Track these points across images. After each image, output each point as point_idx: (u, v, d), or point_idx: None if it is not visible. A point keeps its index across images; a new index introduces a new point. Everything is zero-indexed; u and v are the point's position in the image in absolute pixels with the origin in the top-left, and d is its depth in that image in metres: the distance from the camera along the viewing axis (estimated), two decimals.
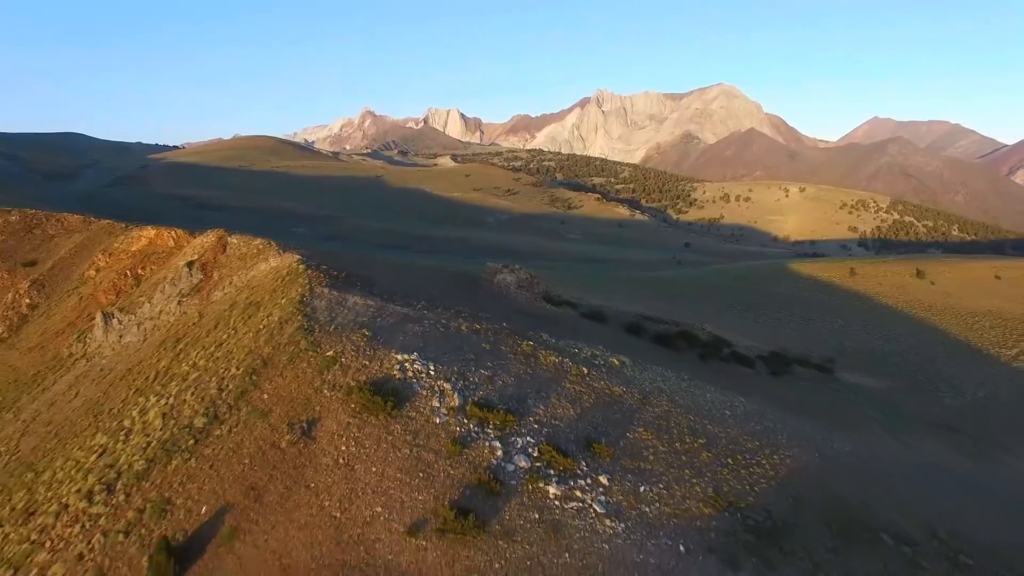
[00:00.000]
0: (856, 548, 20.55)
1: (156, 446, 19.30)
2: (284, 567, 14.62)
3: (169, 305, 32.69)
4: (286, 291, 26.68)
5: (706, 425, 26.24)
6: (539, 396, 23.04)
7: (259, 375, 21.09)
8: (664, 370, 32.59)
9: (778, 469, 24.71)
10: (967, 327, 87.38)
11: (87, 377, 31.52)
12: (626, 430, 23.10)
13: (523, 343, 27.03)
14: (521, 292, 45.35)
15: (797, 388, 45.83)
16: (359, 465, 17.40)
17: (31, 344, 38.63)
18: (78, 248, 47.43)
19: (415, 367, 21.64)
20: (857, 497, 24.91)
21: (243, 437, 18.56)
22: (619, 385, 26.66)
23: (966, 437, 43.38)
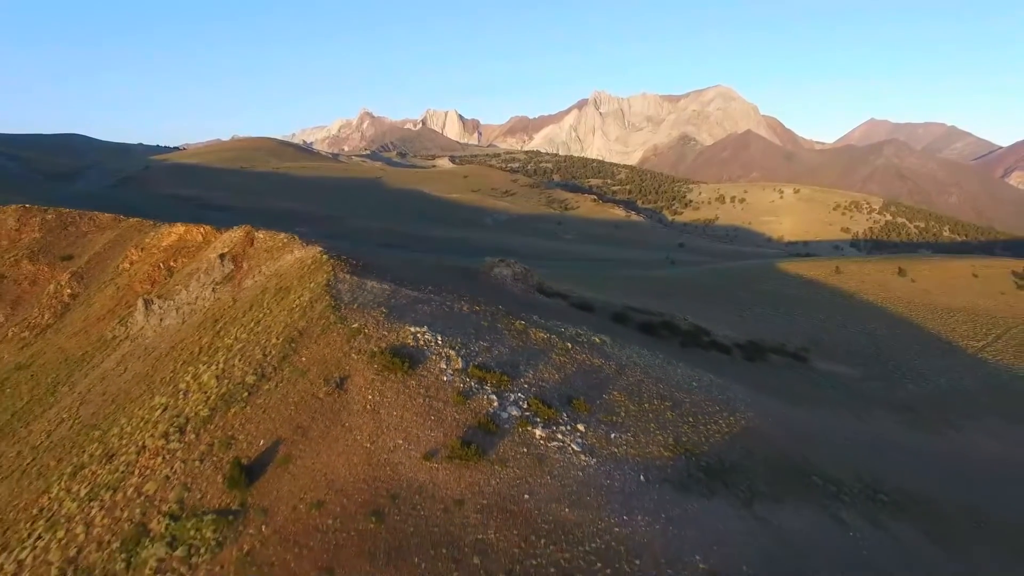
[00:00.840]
0: (789, 485, 24.93)
1: (215, 399, 23.62)
2: (329, 481, 18.93)
3: (204, 292, 36.94)
4: (313, 277, 31.03)
5: (673, 392, 30.60)
6: (529, 363, 27.40)
7: (297, 343, 25.44)
8: (641, 349, 36.98)
9: (733, 428, 29.10)
10: (942, 321, 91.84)
11: (133, 355, 35.79)
12: (602, 392, 27.47)
13: (516, 322, 31.41)
14: (516, 284, 49.68)
15: (767, 371, 50.26)
16: (383, 410, 21.74)
17: (76, 329, 42.86)
18: (111, 244, 51.71)
19: (425, 337, 25.99)
20: (800, 452, 29.32)
21: (288, 390, 22.90)
22: (599, 358, 31.04)
23: (920, 416, 47.82)
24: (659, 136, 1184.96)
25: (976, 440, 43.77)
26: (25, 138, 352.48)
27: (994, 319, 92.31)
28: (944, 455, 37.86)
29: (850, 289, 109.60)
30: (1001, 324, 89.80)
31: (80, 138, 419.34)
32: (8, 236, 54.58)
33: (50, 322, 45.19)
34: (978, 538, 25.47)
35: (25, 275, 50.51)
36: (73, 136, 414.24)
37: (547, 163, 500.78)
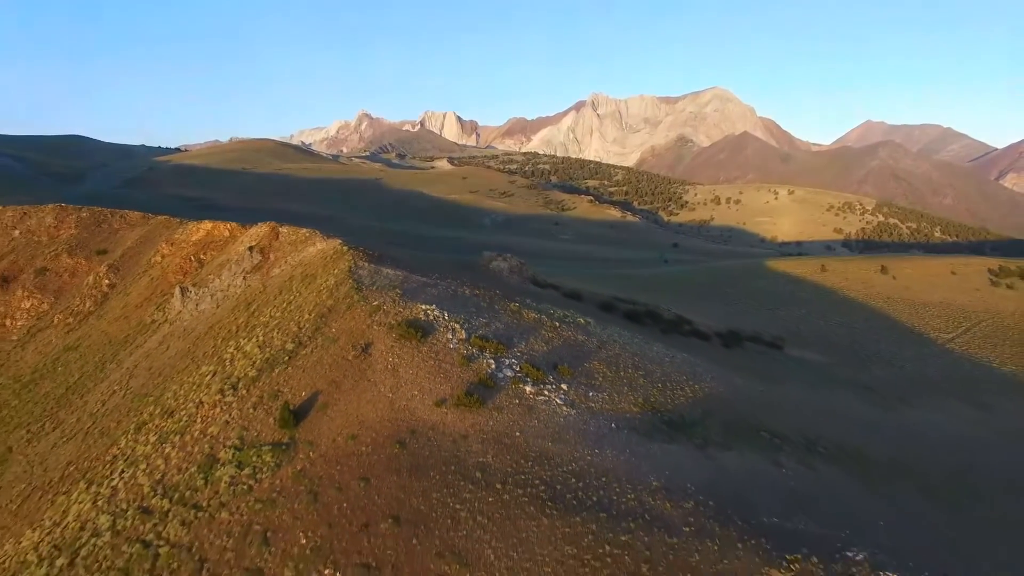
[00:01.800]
0: (739, 437, 29.77)
1: (260, 363, 28.43)
2: (360, 421, 23.74)
3: (236, 280, 41.65)
4: (336, 264, 35.83)
5: (647, 364, 35.46)
6: (522, 336, 32.25)
7: (326, 318, 30.26)
8: (622, 330, 41.87)
9: (696, 394, 34.00)
10: (917, 315, 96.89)
11: (173, 335, 40.53)
12: (584, 361, 32.32)
13: (511, 304, 36.25)
14: (512, 276, 54.54)
15: (741, 355, 55.12)
16: (401, 369, 26.55)
17: (116, 315, 47.54)
18: (142, 239, 56.44)
19: (434, 313, 30.80)
20: (754, 415, 34.20)
21: (322, 354, 27.71)
22: (583, 335, 35.92)
23: (877, 394, 52.71)
24: (656, 137, 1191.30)
25: (924, 415, 48.69)
26: (29, 139, 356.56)
27: (966, 313, 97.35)
28: (888, 424, 42.74)
29: (833, 286, 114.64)
30: (972, 318, 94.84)
31: (82, 139, 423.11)
32: (47, 233, 59.35)
33: (91, 309, 49.90)
34: (894, 481, 30.36)
35: (65, 268, 55.24)
36: (75, 137, 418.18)
37: (545, 164, 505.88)
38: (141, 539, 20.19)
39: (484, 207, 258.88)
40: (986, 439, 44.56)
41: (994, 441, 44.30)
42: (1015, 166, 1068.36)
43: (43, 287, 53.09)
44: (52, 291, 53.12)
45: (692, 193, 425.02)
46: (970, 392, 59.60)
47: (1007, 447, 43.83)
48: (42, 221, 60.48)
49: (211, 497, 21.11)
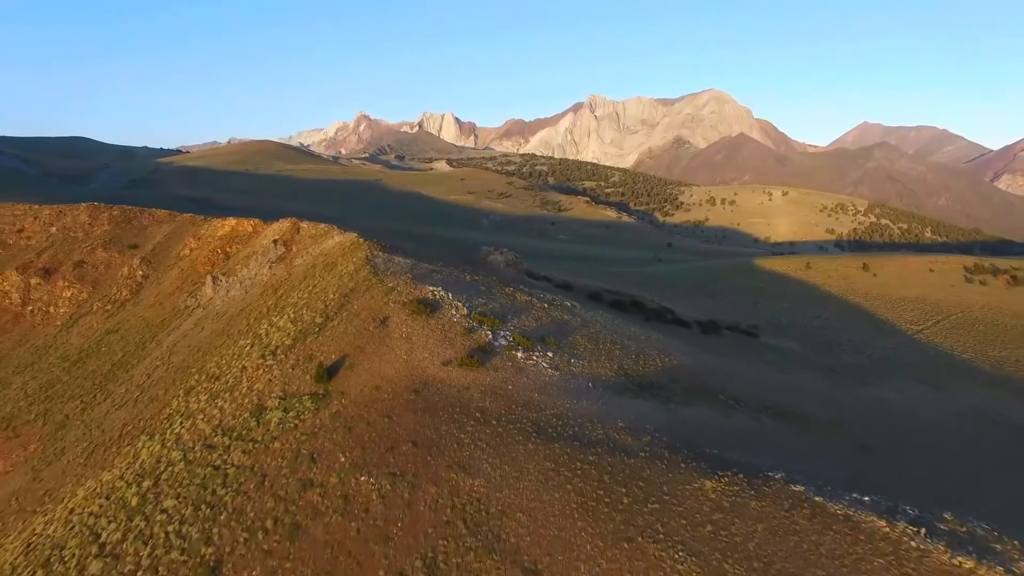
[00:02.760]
0: (699, 397, 35.13)
1: (294, 334, 33.76)
2: (382, 376, 29.05)
3: (262, 270, 46.90)
4: (354, 254, 41.15)
5: (624, 340, 40.83)
6: (515, 314, 37.61)
7: (349, 297, 35.58)
8: (605, 314, 47.26)
9: (666, 365, 39.35)
10: (892, 309, 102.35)
11: (207, 318, 45.79)
12: (568, 335, 37.68)
13: (506, 289, 41.61)
14: (508, 269, 59.87)
15: (716, 341, 60.47)
16: (414, 337, 31.89)
17: (151, 302, 52.76)
18: (170, 235, 61.69)
19: (440, 294, 36.13)
20: (716, 383, 39.57)
21: (347, 326, 33.04)
22: (568, 315, 41.30)
23: (839, 376, 58.13)
24: (653, 139, 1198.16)
25: (877, 392, 54.08)
26: (33, 141, 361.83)
27: (939, 307, 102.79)
28: (840, 397, 48.14)
29: (816, 282, 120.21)
30: (944, 312, 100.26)
31: (85, 141, 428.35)
32: (83, 229, 64.56)
33: (127, 297, 55.08)
34: (829, 435, 35.76)
35: (100, 261, 60.41)
36: (78, 139, 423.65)
37: (542, 166, 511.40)
38: (211, 464, 25.52)
39: (482, 207, 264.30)
40: (929, 412, 50.00)
41: (936, 413, 49.76)
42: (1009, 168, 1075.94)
43: (82, 278, 58.29)
44: (90, 281, 58.28)
45: (688, 194, 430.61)
46: (927, 375, 65.03)
47: (948, 419, 49.27)
48: (77, 218, 65.74)
49: (264, 434, 26.45)
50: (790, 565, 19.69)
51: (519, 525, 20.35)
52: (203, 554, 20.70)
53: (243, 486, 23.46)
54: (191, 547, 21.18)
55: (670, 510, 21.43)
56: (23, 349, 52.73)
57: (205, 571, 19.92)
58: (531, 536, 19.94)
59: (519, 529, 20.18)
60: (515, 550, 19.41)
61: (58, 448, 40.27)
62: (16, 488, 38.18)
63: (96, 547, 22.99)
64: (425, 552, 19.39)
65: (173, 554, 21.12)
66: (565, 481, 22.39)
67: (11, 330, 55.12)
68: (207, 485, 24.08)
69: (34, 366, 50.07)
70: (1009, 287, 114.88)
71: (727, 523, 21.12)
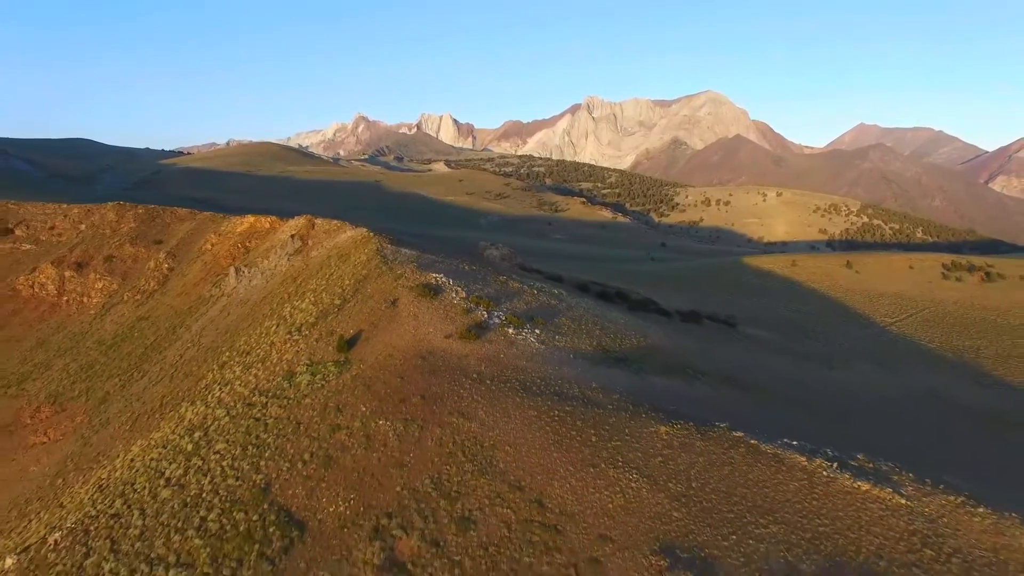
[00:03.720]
0: (668, 370, 40.37)
1: (315, 314, 38.97)
2: (393, 347, 34.27)
3: (280, 261, 52.05)
4: (365, 246, 46.37)
5: (605, 323, 46.06)
6: (507, 298, 42.85)
7: (362, 283, 40.80)
8: (589, 300, 52.50)
9: (640, 343, 44.61)
10: (870, 304, 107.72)
11: (232, 304, 50.94)
12: (554, 317, 42.92)
13: (500, 277, 46.85)
14: (503, 262, 65.10)
15: (694, 328, 65.68)
16: (420, 315, 37.11)
17: (178, 292, 57.88)
18: (192, 231, 66.80)
19: (442, 280, 41.35)
20: (686, 360, 44.79)
21: (362, 306, 38.25)
22: (555, 300, 46.55)
23: (807, 360, 63.42)
24: (651, 140, 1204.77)
25: (839, 374, 59.40)
26: (37, 143, 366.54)
27: (914, 302, 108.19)
28: (802, 376, 53.44)
29: (800, 279, 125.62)
30: (918, 306, 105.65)
31: (87, 142, 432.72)
32: (110, 226, 69.65)
33: (155, 288, 60.18)
34: (784, 406, 41.04)
35: (128, 255, 65.51)
36: (80, 140, 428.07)
37: (539, 167, 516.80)
38: (252, 417, 30.72)
39: (480, 208, 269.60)
40: (883, 390, 55.30)
41: (888, 392, 55.08)
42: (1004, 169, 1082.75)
43: (111, 271, 63.30)
44: (120, 274, 63.30)
45: (683, 195, 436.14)
46: (890, 361, 70.36)
47: (898, 397, 54.56)
48: (104, 217, 70.81)
49: (296, 392, 31.66)
50: (722, 485, 24.99)
51: (507, 455, 25.60)
52: (254, 480, 25.89)
53: (282, 431, 28.67)
54: (244, 475, 26.37)
55: (629, 446, 26.71)
56: (61, 335, 57.77)
57: (257, 491, 25.12)
58: (516, 462, 25.19)
59: (507, 458, 25.43)
60: (503, 472, 24.65)
61: (103, 419, 45.40)
62: (69, 452, 43.34)
63: (163, 480, 28.14)
64: (432, 474, 24.63)
65: (229, 481, 26.30)
66: (544, 424, 27.64)
67: (49, 318, 60.19)
68: (251, 432, 29.28)
69: (73, 350, 55.11)
70: (983, 283, 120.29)
71: (674, 456, 26.42)
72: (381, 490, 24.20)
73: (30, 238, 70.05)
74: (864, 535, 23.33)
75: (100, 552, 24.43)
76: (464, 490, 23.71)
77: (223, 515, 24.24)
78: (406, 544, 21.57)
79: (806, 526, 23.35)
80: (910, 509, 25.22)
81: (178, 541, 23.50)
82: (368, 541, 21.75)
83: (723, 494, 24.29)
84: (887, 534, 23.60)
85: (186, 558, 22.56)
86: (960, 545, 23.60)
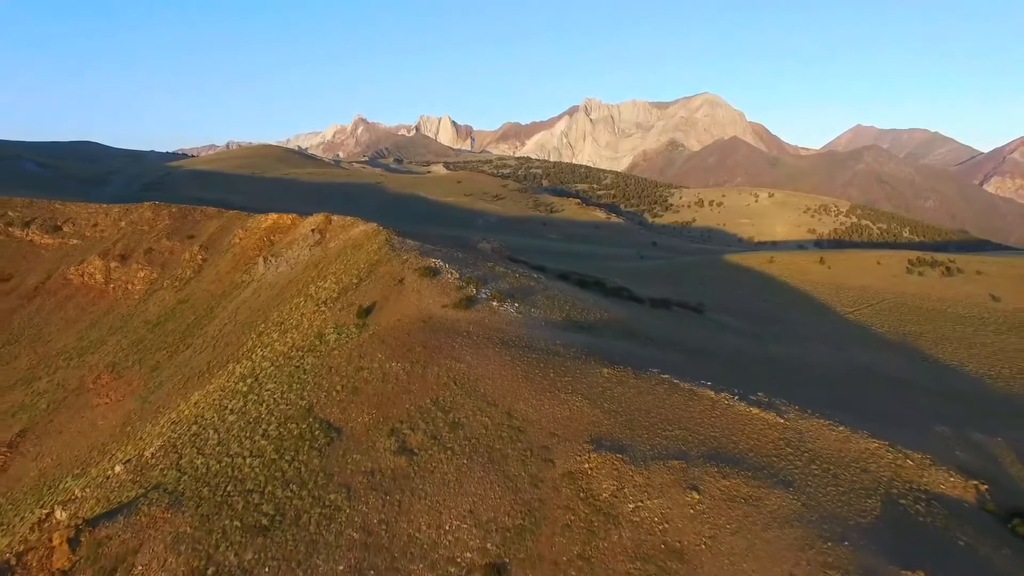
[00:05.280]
0: (625, 336, 49.54)
1: (337, 291, 48.18)
2: (401, 314, 43.48)
3: (303, 251, 61.18)
4: (376, 238, 55.55)
5: (575, 301, 55.22)
6: (493, 280, 52.07)
7: (375, 266, 49.99)
8: (566, 286, 61.70)
9: (603, 316, 53.78)
10: (835, 295, 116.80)
11: (262, 288, 60.09)
12: (532, 295, 52.11)
13: (488, 263, 56.09)
14: (493, 254, 74.22)
15: (663, 312, 74.87)
16: (422, 290, 46.33)
17: (212, 279, 66.97)
18: (221, 227, 75.93)
19: (440, 264, 50.53)
20: (642, 330, 53.98)
21: (375, 284, 47.46)
22: (534, 283, 55.77)
23: (758, 338, 72.60)
24: (648, 142, 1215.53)
25: (785, 350, 68.57)
26: (45, 145, 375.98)
27: (876, 294, 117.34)
28: (745, 350, 62.62)
29: (775, 273, 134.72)
30: (878, 297, 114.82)
31: (93, 145, 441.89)
32: (148, 223, 78.78)
33: (191, 276, 69.25)
34: (717, 365, 50.22)
35: (166, 248, 74.62)
36: (87, 143, 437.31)
37: (537, 169, 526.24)
38: (293, 365, 39.89)
39: (478, 209, 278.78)
40: (821, 363, 64.46)
41: (826, 364, 64.22)
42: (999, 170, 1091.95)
43: (151, 262, 72.31)
44: (159, 264, 72.31)
45: (677, 196, 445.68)
46: (838, 342, 79.53)
47: (834, 367, 63.70)
48: (142, 215, 79.98)
49: (326, 347, 40.83)
50: (643, 406, 34.23)
51: (486, 384, 34.80)
52: (300, 404, 35.07)
53: (318, 373, 37.85)
54: (292, 402, 35.53)
55: (578, 380, 35.94)
56: (111, 317, 66.72)
57: (304, 411, 34.30)
58: (493, 389, 34.39)
59: (486, 386, 34.64)
60: (484, 395, 33.85)
61: (157, 382, 54.55)
62: (131, 409, 52.46)
63: (227, 411, 37.28)
64: (432, 396, 33.82)
65: (281, 406, 35.47)
66: (516, 365, 36.85)
67: (98, 303, 69.18)
68: (293, 375, 38.47)
69: (122, 329, 64.04)
70: (943, 277, 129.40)
71: (611, 387, 35.66)
72: (395, 407, 33.41)
73: (76, 234, 79.31)
74: (743, 438, 32.63)
75: (189, 454, 33.58)
76: (455, 406, 32.94)
77: (280, 426, 33.43)
78: (413, 438, 30.80)
79: (701, 432, 32.61)
80: (786, 426, 34.50)
81: (249, 443, 32.66)
82: (387, 437, 30.96)
83: (643, 412, 33.53)
84: (761, 438, 32.90)
85: (257, 452, 31.72)
86: (815, 447, 32.92)
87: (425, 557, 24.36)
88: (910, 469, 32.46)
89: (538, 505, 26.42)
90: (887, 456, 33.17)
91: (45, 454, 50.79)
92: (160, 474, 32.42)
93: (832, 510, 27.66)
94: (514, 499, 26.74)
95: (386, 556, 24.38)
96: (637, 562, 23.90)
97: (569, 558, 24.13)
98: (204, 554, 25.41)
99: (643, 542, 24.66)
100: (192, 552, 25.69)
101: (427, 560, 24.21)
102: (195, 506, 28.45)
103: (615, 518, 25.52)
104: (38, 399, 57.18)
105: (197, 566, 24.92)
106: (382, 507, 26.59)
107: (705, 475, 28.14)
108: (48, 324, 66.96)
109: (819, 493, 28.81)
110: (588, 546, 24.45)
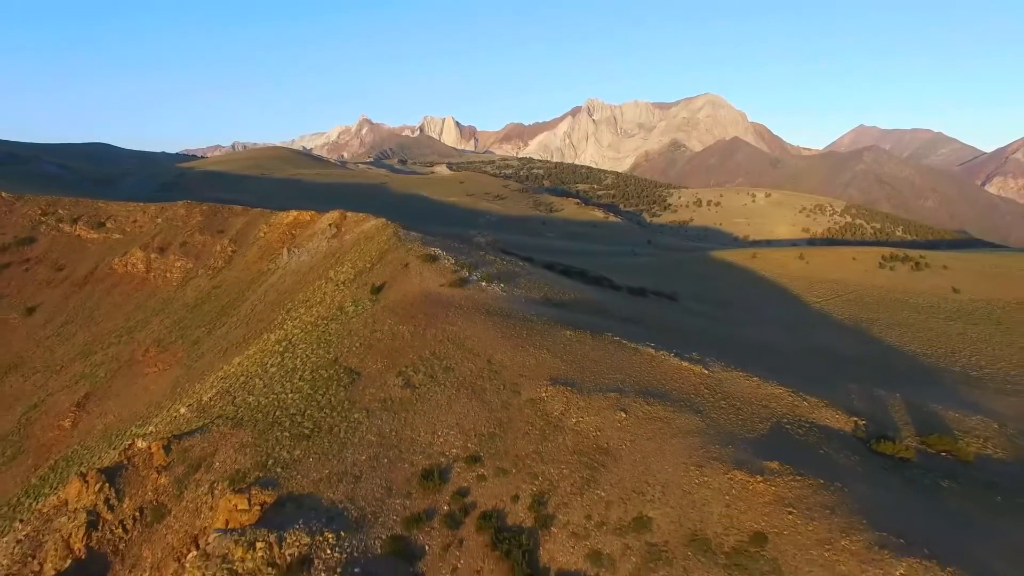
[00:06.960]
0: (592, 311, 59.14)
1: (353, 273, 58.00)
2: (406, 291, 53.21)
3: (322, 243, 70.93)
4: (385, 231, 65.29)
5: (554, 285, 64.86)
6: (484, 266, 61.78)
7: (384, 254, 59.73)
8: (549, 272, 71.40)
9: (577, 296, 63.39)
10: (808, 288, 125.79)
11: (287, 274, 69.85)
12: (516, 278, 61.78)
13: (480, 252, 65.83)
14: (488, 247, 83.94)
15: (638, 299, 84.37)
16: (424, 273, 56.07)
17: (241, 268, 76.79)
18: (247, 223, 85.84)
19: (439, 252, 60.22)
20: (611, 308, 63.57)
21: (385, 268, 57.23)
22: (518, 269, 65.48)
23: (720, 321, 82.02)
24: (650, 143, 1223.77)
25: (744, 331, 77.96)
26: (60, 147, 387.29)
27: (845, 286, 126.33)
28: (706, 329, 72.05)
29: (755, 268, 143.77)
30: (847, 290, 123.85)
31: (106, 147, 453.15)
32: (181, 219, 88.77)
33: (223, 265, 79.10)
34: (671, 336, 59.76)
35: (199, 241, 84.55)
36: (100, 145, 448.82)
37: (538, 169, 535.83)
38: (319, 330, 49.65)
39: (479, 208, 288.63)
40: (777, 343, 73.84)
41: (782, 344, 73.58)
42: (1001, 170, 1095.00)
43: (186, 253, 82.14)
44: (193, 256, 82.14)
45: (676, 196, 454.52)
46: (797, 327, 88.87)
47: (788, 347, 73.03)
48: (176, 212, 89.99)
49: (345, 316, 50.58)
50: (595, 358, 43.79)
51: (472, 342, 44.46)
52: (327, 357, 44.77)
53: (340, 334, 47.60)
54: (320, 356, 45.25)
55: (544, 339, 45.57)
56: (153, 301, 76.53)
57: (330, 361, 44.02)
58: (479, 345, 44.05)
59: (474, 342, 44.31)
60: (471, 348, 43.53)
61: (199, 352, 64.36)
62: (178, 375, 62.29)
63: (268, 364, 46.98)
64: (430, 349, 43.51)
65: (312, 359, 45.18)
66: (496, 328, 46.51)
67: (141, 289, 79.03)
68: (321, 337, 48.21)
69: (164, 311, 73.80)
70: (912, 272, 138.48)
71: (571, 345, 45.27)
72: (401, 357, 43.12)
73: (118, 229, 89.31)
74: (670, 381, 42.22)
75: (241, 396, 43.30)
76: (447, 356, 42.63)
77: (312, 372, 43.15)
78: (415, 378, 40.51)
79: (637, 376, 42.21)
80: (709, 375, 44.04)
81: (289, 385, 42.40)
82: (395, 376, 40.66)
83: (593, 361, 43.17)
84: (684, 382, 42.48)
85: (296, 390, 41.44)
86: (730, 390, 42.42)
87: (423, 452, 34.06)
88: (804, 408, 41.94)
89: (506, 420, 36.10)
90: (788, 399, 42.68)
91: (108, 412, 60.66)
92: (220, 409, 42.14)
93: (728, 429, 37.16)
94: (489, 416, 36.43)
95: (395, 451, 34.10)
96: (575, 455, 33.50)
97: (527, 453, 33.76)
98: (264, 452, 35.16)
99: (580, 443, 34.26)
100: (254, 452, 35.43)
101: (425, 453, 33.91)
102: (253, 425, 38.21)
103: (561, 428, 35.17)
104: (96, 369, 67.06)
105: (259, 460, 34.65)
106: (392, 421, 36.33)
107: (633, 403, 37.68)
108: (99, 308, 76.89)
109: (721, 419, 38.35)
110: (540, 445, 34.09)
